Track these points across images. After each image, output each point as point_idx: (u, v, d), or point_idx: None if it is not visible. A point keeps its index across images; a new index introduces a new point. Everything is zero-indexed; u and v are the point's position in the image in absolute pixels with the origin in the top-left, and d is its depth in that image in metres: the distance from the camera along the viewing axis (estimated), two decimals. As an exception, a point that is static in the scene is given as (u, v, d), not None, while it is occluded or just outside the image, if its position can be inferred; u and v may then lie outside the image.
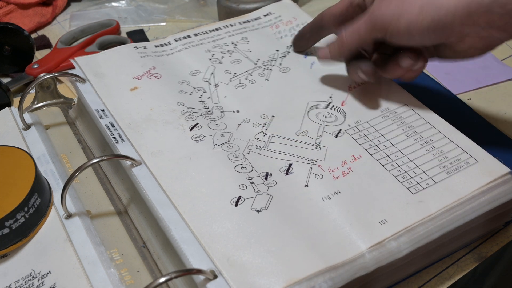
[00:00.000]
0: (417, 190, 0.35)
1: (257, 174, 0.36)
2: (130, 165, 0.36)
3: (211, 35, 0.50)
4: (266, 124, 0.41)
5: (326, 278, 0.30)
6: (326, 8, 0.46)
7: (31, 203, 0.35)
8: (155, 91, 0.43)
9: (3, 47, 0.56)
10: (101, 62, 0.45)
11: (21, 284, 0.33)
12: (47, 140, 0.42)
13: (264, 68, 0.46)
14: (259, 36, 0.51)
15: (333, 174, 0.36)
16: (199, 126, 0.40)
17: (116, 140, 0.38)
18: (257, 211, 0.33)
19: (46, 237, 0.35)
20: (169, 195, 0.34)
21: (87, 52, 0.59)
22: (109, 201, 0.39)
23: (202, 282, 0.30)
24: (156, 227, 0.35)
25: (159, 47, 0.49)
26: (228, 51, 0.48)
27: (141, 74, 0.44)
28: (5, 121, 0.43)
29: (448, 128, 0.40)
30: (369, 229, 0.32)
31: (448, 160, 0.37)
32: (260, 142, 0.39)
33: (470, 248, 0.39)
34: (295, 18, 0.52)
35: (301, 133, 0.40)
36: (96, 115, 0.40)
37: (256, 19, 0.53)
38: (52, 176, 0.38)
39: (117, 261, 0.34)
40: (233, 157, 0.37)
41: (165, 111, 0.41)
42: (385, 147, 0.38)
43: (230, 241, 0.32)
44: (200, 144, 0.38)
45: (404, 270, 0.36)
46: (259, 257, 0.31)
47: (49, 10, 0.66)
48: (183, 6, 0.68)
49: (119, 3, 0.70)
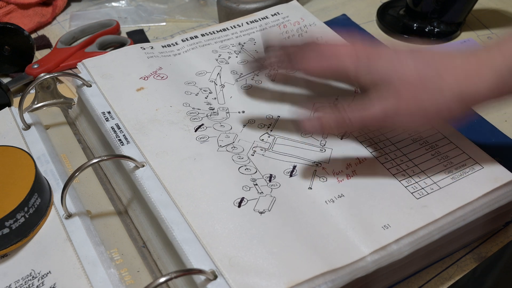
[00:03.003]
0: (422, 195, 0.35)
1: (261, 176, 0.36)
2: (133, 167, 0.36)
3: (218, 35, 0.50)
4: (271, 125, 0.41)
5: (327, 279, 0.30)
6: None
7: (31, 203, 0.35)
8: (161, 92, 0.43)
9: (3, 47, 0.56)
10: (108, 63, 0.45)
11: (21, 284, 0.33)
12: (47, 140, 0.42)
13: (271, 69, 0.46)
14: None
15: (337, 177, 0.36)
16: (204, 127, 0.40)
17: (122, 142, 0.38)
18: (260, 212, 0.33)
19: (46, 237, 0.35)
20: (173, 196, 0.34)
21: (87, 52, 0.59)
22: (109, 201, 0.39)
23: (202, 282, 0.30)
24: (156, 227, 0.35)
25: (166, 47, 0.49)
26: (235, 52, 0.48)
27: (148, 75, 0.44)
28: (5, 121, 0.43)
29: (454, 133, 0.39)
30: (372, 234, 0.32)
31: (454, 166, 0.37)
32: (264, 143, 0.39)
33: (470, 248, 0.39)
34: (303, 19, 0.52)
35: (306, 135, 0.40)
36: (102, 118, 0.40)
37: (263, 19, 0.53)
38: (52, 176, 0.38)
39: (117, 261, 0.34)
40: (237, 158, 0.37)
41: (171, 111, 0.41)
42: (390, 150, 0.38)
43: (232, 242, 0.32)
44: (204, 145, 0.38)
45: (404, 270, 0.36)
46: (260, 259, 0.31)
47: (49, 10, 0.66)
48: (183, 6, 0.68)
49: (119, 3, 0.70)
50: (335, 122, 0.34)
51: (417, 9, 0.61)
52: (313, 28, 0.51)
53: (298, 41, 0.38)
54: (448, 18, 0.60)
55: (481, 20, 0.64)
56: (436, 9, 0.60)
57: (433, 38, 0.61)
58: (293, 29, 0.51)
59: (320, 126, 0.34)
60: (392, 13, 0.65)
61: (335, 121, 0.34)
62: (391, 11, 0.65)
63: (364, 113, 0.34)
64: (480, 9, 0.65)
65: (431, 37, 0.61)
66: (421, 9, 0.61)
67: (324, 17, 0.65)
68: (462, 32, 0.62)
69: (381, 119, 0.34)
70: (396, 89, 0.33)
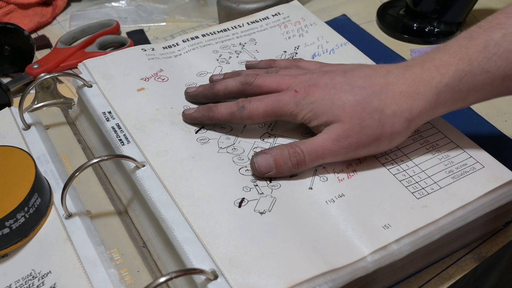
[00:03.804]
0: (422, 195, 0.35)
1: None
2: (134, 168, 0.36)
3: (219, 35, 0.51)
4: (272, 124, 0.41)
5: (327, 279, 0.30)
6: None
7: (31, 203, 0.35)
8: (162, 94, 0.43)
9: (3, 47, 0.56)
10: (109, 64, 0.45)
11: (21, 284, 0.33)
12: (47, 140, 0.42)
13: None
14: (267, 37, 0.51)
15: (337, 177, 0.36)
16: (205, 129, 0.40)
17: (122, 142, 0.38)
18: (260, 213, 0.33)
19: (46, 237, 0.35)
20: (173, 195, 0.34)
21: (87, 52, 0.59)
22: (109, 201, 0.39)
23: (203, 282, 0.30)
24: (157, 227, 0.35)
25: (167, 48, 0.49)
26: (236, 52, 0.48)
27: (149, 76, 0.44)
28: (5, 121, 0.43)
29: (454, 132, 0.39)
30: (372, 234, 0.32)
31: (454, 165, 0.37)
32: (265, 143, 0.39)
33: (470, 248, 0.39)
34: (304, 19, 0.52)
35: (306, 134, 0.40)
36: (102, 118, 0.40)
37: (264, 19, 0.53)
38: (52, 176, 0.38)
39: (117, 261, 0.34)
40: (237, 160, 0.37)
41: (172, 113, 0.41)
42: (391, 150, 0.38)
43: (233, 242, 0.32)
44: (205, 147, 0.38)
45: (404, 270, 0.36)
46: (261, 259, 0.31)
47: (49, 10, 0.66)
48: (183, 6, 0.68)
49: (119, 3, 0.70)
50: (288, 156, 0.35)
51: (417, 9, 0.61)
52: (314, 28, 0.51)
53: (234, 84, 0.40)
54: (448, 18, 0.61)
55: (481, 20, 0.64)
56: (436, 9, 0.60)
57: (433, 38, 0.61)
58: (293, 29, 0.51)
59: (275, 162, 0.36)
60: (392, 13, 0.65)
61: (288, 156, 0.36)
62: (391, 11, 0.66)
63: (315, 143, 0.36)
64: (480, 9, 0.65)
65: (431, 37, 0.61)
66: (421, 9, 0.61)
67: (324, 17, 0.65)
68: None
69: (332, 144, 0.35)
70: (338, 116, 0.35)
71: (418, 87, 0.35)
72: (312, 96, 0.36)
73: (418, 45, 0.61)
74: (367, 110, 0.35)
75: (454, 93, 0.35)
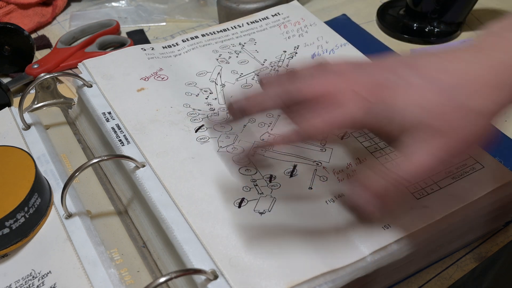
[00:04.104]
0: (422, 195, 0.35)
1: (261, 177, 0.36)
2: (134, 168, 0.36)
3: (218, 35, 0.51)
4: (271, 123, 0.41)
5: (327, 279, 0.30)
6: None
7: (31, 203, 0.35)
8: (162, 93, 0.43)
9: (3, 47, 0.56)
10: (109, 63, 0.45)
11: (21, 284, 0.33)
12: (47, 140, 0.42)
13: (271, 69, 0.46)
14: (266, 37, 0.51)
15: (337, 176, 0.36)
16: (204, 128, 0.40)
17: (122, 142, 0.38)
18: (260, 213, 0.33)
19: (46, 237, 0.35)
20: (173, 196, 0.34)
21: (87, 52, 0.59)
22: (109, 201, 0.39)
23: (203, 282, 0.30)
24: (157, 227, 0.35)
25: (166, 48, 0.49)
26: (236, 52, 0.49)
27: (148, 76, 0.44)
28: (5, 121, 0.43)
29: None
30: (372, 234, 0.32)
31: (454, 165, 0.37)
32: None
33: (470, 248, 0.39)
34: (303, 19, 0.53)
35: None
36: (102, 118, 0.40)
37: (264, 19, 0.53)
38: (52, 176, 0.38)
39: (117, 261, 0.34)
40: (237, 159, 0.37)
41: (171, 112, 0.41)
42: (391, 150, 0.38)
43: (232, 242, 0.32)
44: (204, 146, 0.38)
45: (404, 270, 0.36)
46: (260, 259, 0.31)
47: (49, 10, 0.66)
48: (183, 6, 0.68)
49: (119, 3, 0.70)
50: (392, 189, 0.29)
51: (417, 9, 0.61)
52: (313, 28, 0.51)
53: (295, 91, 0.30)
54: (448, 18, 0.60)
55: (481, 20, 0.64)
56: (436, 9, 0.60)
57: (433, 38, 0.61)
58: (293, 29, 0.51)
59: (382, 203, 0.29)
60: (392, 13, 0.65)
61: (392, 188, 0.29)
62: (391, 11, 0.66)
63: (412, 165, 0.29)
64: (480, 9, 0.65)
65: (431, 37, 0.61)
66: (421, 9, 0.61)
67: (324, 17, 0.65)
68: (462, 32, 0.62)
69: (435, 164, 0.28)
70: (433, 127, 0.28)
71: (499, 78, 0.29)
72: (397, 106, 0.29)
73: (418, 45, 0.61)
74: (461, 118, 0.28)
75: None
